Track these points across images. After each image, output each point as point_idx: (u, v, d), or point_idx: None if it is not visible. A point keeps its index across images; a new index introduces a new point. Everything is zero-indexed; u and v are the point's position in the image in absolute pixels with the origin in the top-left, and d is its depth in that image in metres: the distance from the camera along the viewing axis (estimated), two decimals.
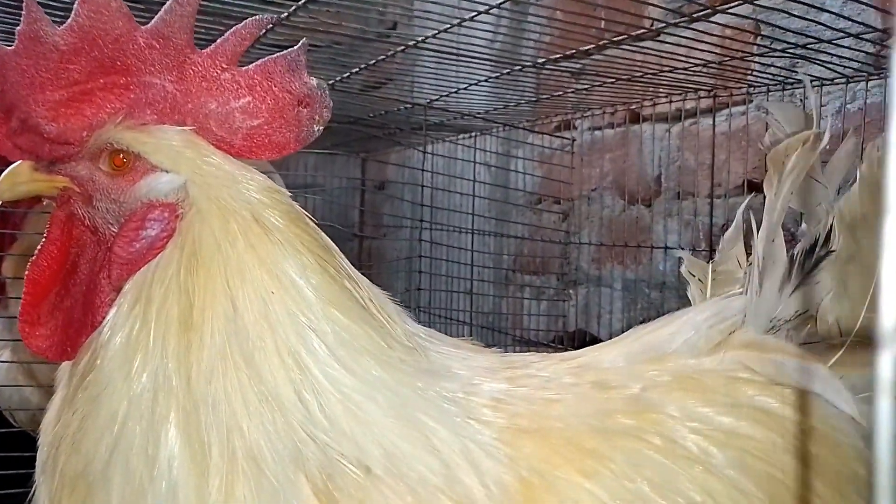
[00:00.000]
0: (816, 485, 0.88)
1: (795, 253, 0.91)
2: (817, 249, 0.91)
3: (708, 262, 1.07)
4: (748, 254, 1.07)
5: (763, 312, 0.93)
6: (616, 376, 0.95)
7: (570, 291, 2.70)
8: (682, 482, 0.87)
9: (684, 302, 1.10)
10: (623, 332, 1.03)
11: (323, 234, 0.89)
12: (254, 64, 0.86)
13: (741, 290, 1.02)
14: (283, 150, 0.87)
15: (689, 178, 2.20)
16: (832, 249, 0.91)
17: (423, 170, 2.66)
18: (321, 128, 0.88)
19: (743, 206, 1.06)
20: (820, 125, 0.98)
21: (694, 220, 2.15)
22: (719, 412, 0.90)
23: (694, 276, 1.08)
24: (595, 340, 2.61)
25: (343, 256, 0.90)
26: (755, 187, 1.99)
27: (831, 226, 0.91)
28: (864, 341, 0.91)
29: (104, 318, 0.83)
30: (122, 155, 0.84)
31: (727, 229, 1.11)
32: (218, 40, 0.85)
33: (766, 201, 0.94)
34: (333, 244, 0.90)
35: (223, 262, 0.81)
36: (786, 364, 0.90)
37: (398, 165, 3.40)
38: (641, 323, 1.05)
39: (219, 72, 0.85)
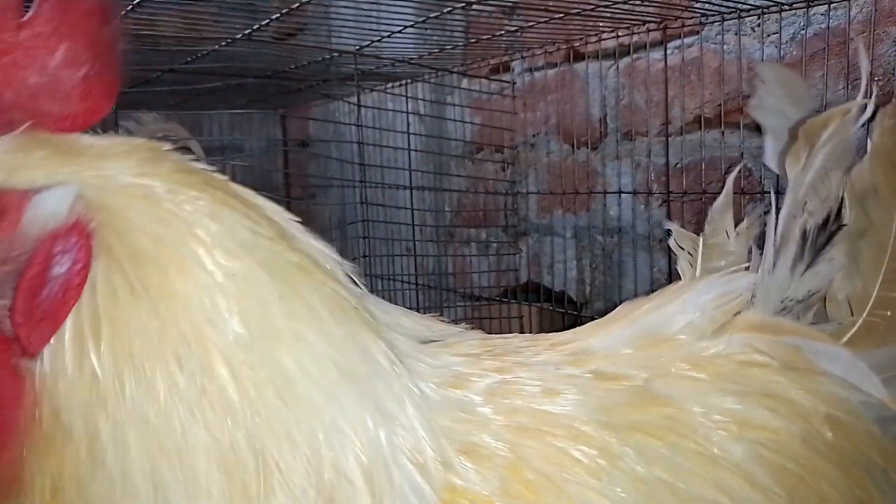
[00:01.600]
0: (831, 472, 0.86)
1: (808, 229, 0.87)
2: (829, 224, 0.86)
3: (698, 235, 1.02)
4: (736, 224, 1.02)
5: (775, 292, 0.88)
6: (617, 365, 0.90)
7: (519, 244, 2.65)
8: (696, 480, 0.83)
9: (638, 247, 1.05)
10: (576, 281, 0.97)
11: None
12: (36, 3, 0.65)
13: (737, 265, 0.98)
14: (115, 91, 0.71)
15: (638, 118, 2.16)
16: (844, 224, 0.86)
17: (352, 124, 2.53)
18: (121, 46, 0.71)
19: (732, 175, 1.00)
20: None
21: (648, 161, 2.12)
22: (730, 401, 0.86)
23: (683, 248, 1.03)
24: (548, 292, 2.59)
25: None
26: (711, 122, 1.96)
27: (842, 199, 0.87)
28: (876, 320, 0.88)
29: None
30: None
31: (683, 168, 1.06)
32: None
33: (792, 176, 0.89)
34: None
35: (170, 260, 0.67)
36: (801, 346, 0.86)
37: (323, 121, 3.24)
38: (593, 271, 1.00)
39: (14, 34, 0.64)
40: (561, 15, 1.93)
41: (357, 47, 2.29)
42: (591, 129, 2.33)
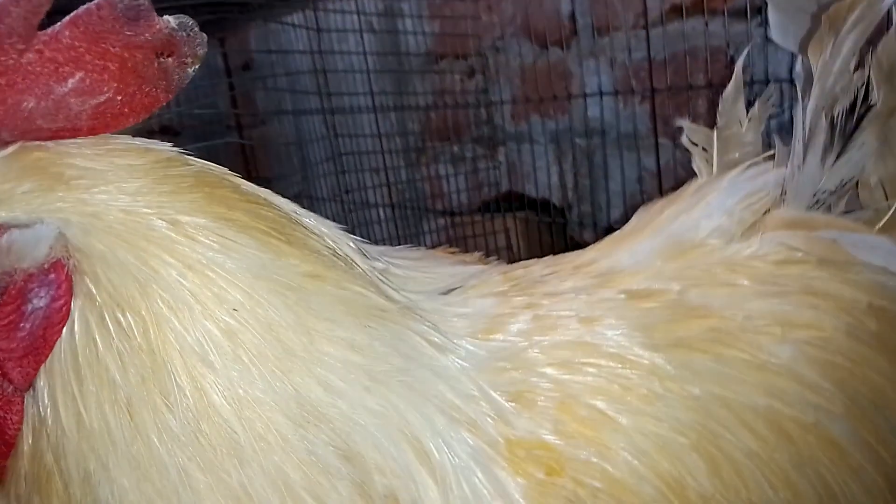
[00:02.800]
0: (879, 362, 0.86)
1: (835, 115, 0.84)
2: (858, 107, 0.83)
3: (712, 129, 0.98)
4: (748, 110, 0.99)
5: (806, 187, 0.86)
6: (649, 280, 0.88)
7: (496, 155, 2.60)
8: (746, 388, 0.83)
9: (622, 147, 1.02)
10: (558, 187, 0.95)
11: (239, 182, 0.74)
12: (61, 27, 0.64)
13: (754, 156, 0.95)
14: (153, 109, 0.70)
15: (611, 11, 2.08)
16: (872, 105, 0.83)
17: (308, 52, 2.42)
18: (197, 66, 0.70)
19: (740, 62, 0.96)
20: None
21: (628, 57, 2.06)
22: (771, 304, 0.85)
23: (696, 145, 1.00)
24: (532, 201, 2.56)
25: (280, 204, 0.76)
26: (691, 10, 1.90)
27: (868, 78, 0.83)
28: None
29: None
30: None
31: (665, 62, 1.02)
32: None
33: (818, 65, 0.85)
34: (263, 192, 0.75)
35: (160, 303, 0.64)
36: (838, 239, 0.85)
37: (274, 51, 3.10)
38: (576, 175, 0.98)
39: (14, 58, 0.62)
40: None
41: None
42: (561, 27, 2.25)
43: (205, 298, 0.64)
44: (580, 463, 0.78)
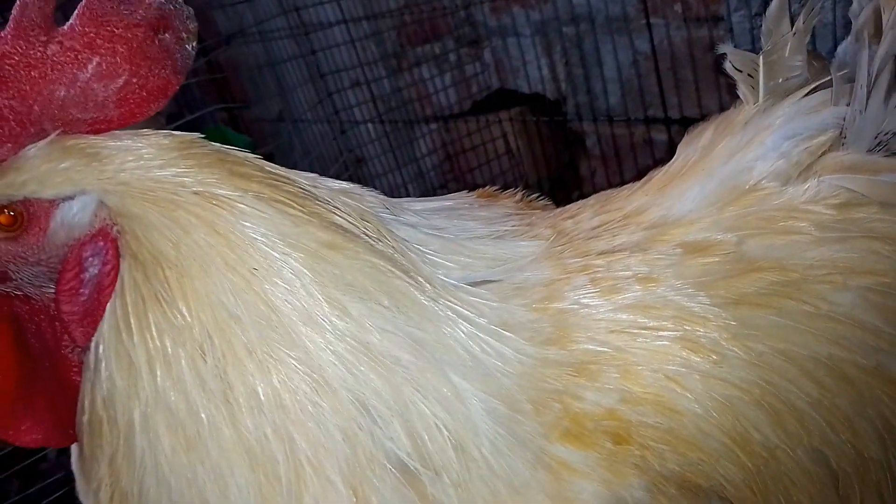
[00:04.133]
0: None
1: None
2: None
3: (758, 54, 0.94)
4: (793, 24, 0.94)
5: (869, 129, 0.84)
6: (705, 231, 0.87)
7: (481, 53, 2.51)
8: (807, 338, 0.83)
9: (614, 32, 0.98)
10: (549, 80, 0.93)
11: (262, 163, 0.79)
12: (73, 18, 0.72)
13: (801, 84, 0.92)
14: (168, 92, 0.76)
15: None
16: None
17: None
18: (195, 43, 0.76)
19: None
20: None
21: None
22: (831, 250, 0.84)
23: (741, 71, 0.96)
24: (525, 97, 2.50)
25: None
26: None
27: None
28: None
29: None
30: (6, 210, 0.71)
31: None
32: (14, 13, 0.70)
33: (891, 15, 0.80)
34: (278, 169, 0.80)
35: (191, 259, 0.71)
36: None
37: None
38: (567, 66, 0.96)
39: (41, 50, 0.70)
40: None
41: None
42: None
43: (229, 258, 0.71)
44: (647, 428, 0.79)
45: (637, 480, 0.78)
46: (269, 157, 0.81)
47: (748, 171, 0.88)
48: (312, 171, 0.85)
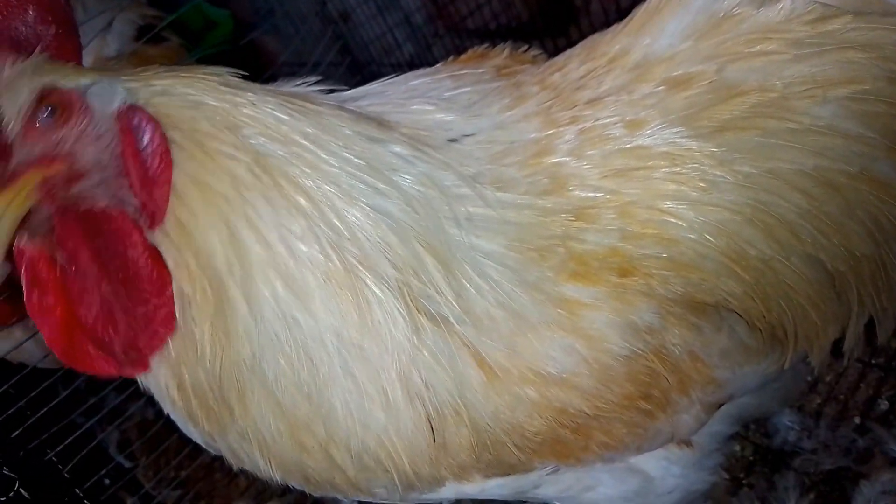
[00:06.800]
0: None
1: None
2: None
3: None
4: None
5: None
6: (685, 63, 0.93)
7: None
8: (793, 154, 0.91)
9: None
10: None
11: None
12: None
13: None
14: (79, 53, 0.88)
15: None
16: None
17: None
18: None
19: None
20: None
21: None
22: (809, 66, 0.90)
23: None
24: None
25: None
26: None
27: None
28: None
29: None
30: (51, 96, 0.78)
31: None
32: None
33: None
34: None
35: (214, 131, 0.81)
36: None
37: None
38: None
39: None
40: None
41: None
42: None
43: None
44: (648, 259, 0.89)
45: (645, 305, 0.89)
46: (251, 28, 0.91)
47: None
48: (303, 42, 0.96)
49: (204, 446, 0.92)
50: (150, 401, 0.91)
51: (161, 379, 0.85)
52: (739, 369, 1.02)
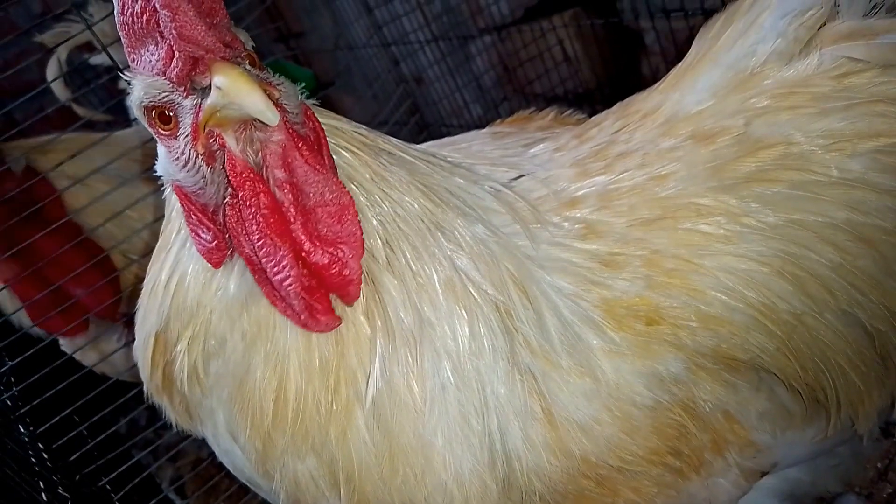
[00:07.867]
0: None
1: None
2: None
3: None
4: None
5: None
6: (712, 118, 0.95)
7: None
8: (822, 206, 0.91)
9: None
10: None
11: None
12: None
13: None
14: None
15: None
16: None
17: None
18: None
19: None
20: None
21: None
22: (835, 119, 0.91)
23: None
24: None
25: None
26: None
27: None
28: None
29: None
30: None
31: None
32: None
33: None
34: None
35: None
36: None
37: None
38: None
39: None
40: None
41: None
42: None
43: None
44: (675, 309, 0.90)
45: (672, 356, 0.89)
46: (329, 86, 0.96)
47: (751, 56, 0.95)
48: (375, 99, 1.02)
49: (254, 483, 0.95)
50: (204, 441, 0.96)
51: None
52: (781, 434, 1.00)
